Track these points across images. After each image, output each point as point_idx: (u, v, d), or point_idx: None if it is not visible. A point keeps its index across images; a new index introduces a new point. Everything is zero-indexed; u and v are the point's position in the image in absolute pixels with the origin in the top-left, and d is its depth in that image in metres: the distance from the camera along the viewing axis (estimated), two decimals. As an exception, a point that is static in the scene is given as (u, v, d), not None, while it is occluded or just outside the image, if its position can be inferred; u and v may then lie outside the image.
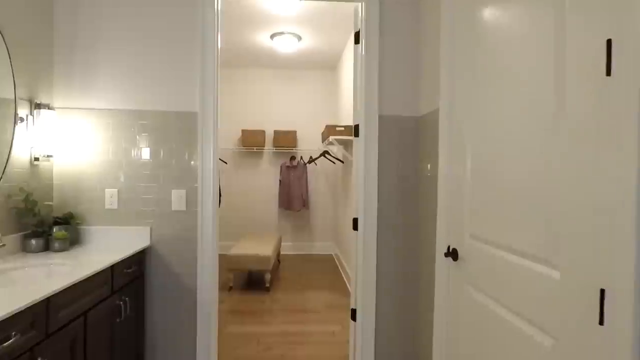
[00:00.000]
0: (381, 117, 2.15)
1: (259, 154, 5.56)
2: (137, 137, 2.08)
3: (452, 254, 1.56)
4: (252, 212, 5.56)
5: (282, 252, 5.54)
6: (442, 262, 1.72)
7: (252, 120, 5.53)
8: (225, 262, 3.77)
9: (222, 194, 4.68)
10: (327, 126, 3.90)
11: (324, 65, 5.40)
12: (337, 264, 5.04)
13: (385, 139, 2.16)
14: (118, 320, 1.75)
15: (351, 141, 3.95)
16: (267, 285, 3.84)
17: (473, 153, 1.46)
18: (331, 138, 3.73)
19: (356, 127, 2.25)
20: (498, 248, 1.26)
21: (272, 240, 4.50)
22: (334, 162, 4.91)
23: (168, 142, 2.09)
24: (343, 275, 4.45)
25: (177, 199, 2.09)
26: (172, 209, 2.09)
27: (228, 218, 5.49)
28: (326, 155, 4.40)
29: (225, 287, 3.89)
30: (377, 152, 2.15)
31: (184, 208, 2.09)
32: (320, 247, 5.65)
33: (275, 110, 5.56)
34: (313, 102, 5.60)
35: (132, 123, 2.08)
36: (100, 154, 2.07)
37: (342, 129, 3.85)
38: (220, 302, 3.55)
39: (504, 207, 1.22)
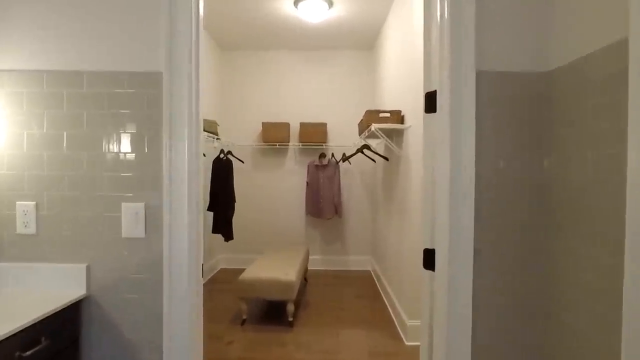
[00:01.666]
0: (481, 75, 1.21)
1: (283, 151, 4.71)
2: (68, 115, 1.26)
3: None
4: (273, 220, 4.72)
5: (309, 268, 4.67)
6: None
7: (275, 111, 4.70)
8: (237, 288, 2.94)
9: (235, 199, 3.88)
10: (367, 112, 2.99)
11: (359, 44, 4.48)
12: (377, 283, 4.11)
13: (486, 113, 1.22)
14: None
15: (398, 131, 3.01)
16: (290, 319, 2.97)
17: None
18: (374, 127, 2.81)
19: (431, 95, 1.32)
20: None
21: (297, 256, 3.63)
22: (373, 160, 3.98)
23: (117, 124, 1.26)
24: (385, 301, 3.51)
25: (131, 218, 1.25)
26: (123, 235, 1.26)
27: (242, 228, 4.69)
28: (365, 151, 3.48)
29: (237, 320, 3.06)
30: (473, 134, 1.21)
31: (141, 233, 1.25)
32: (355, 262, 4.73)
33: (301, 99, 4.70)
34: (346, 89, 4.69)
35: (58, 92, 1.26)
36: (7, 146, 1.27)
37: (388, 114, 2.91)
38: (228, 342, 2.73)
39: None
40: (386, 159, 3.25)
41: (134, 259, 1.25)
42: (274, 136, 4.44)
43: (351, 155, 3.45)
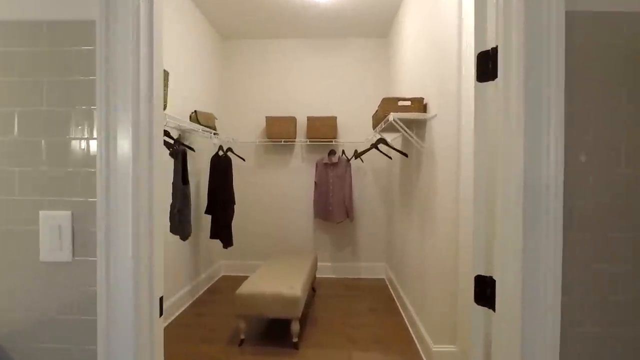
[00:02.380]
0: (573, 18, 0.79)
1: (288, 148, 4.32)
2: (-35, 86, 0.89)
3: None
4: (278, 224, 4.33)
5: (318, 275, 4.27)
6: None
7: (280, 104, 4.31)
8: (235, 304, 2.56)
9: (234, 201, 3.50)
10: (384, 100, 2.57)
11: (372, 30, 4.06)
12: (392, 293, 3.69)
13: (581, 78, 0.80)
14: None
15: (419, 122, 2.59)
16: (295, 339, 2.57)
17: None
18: (392, 117, 2.39)
19: (486, 56, 0.91)
20: None
21: (304, 264, 3.24)
22: (389, 157, 3.55)
23: (32, 96, 0.88)
24: (404, 316, 3.09)
25: (52, 233, 0.87)
26: (42, 259, 0.87)
27: (245, 233, 4.31)
28: (381, 146, 3.05)
29: (234, 340, 2.68)
30: (560, 110, 0.79)
31: (66, 256, 0.87)
32: (368, 269, 4.31)
33: (308, 91, 4.30)
34: (358, 80, 4.27)
35: (-49, 54, 0.89)
36: None
37: (408, 102, 2.49)
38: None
39: None
40: (405, 155, 2.83)
41: (57, 293, 0.87)
42: (278, 132, 4.05)
43: (365, 151, 3.04)
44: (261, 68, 4.33)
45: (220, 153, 3.50)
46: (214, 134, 3.38)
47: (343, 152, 4.12)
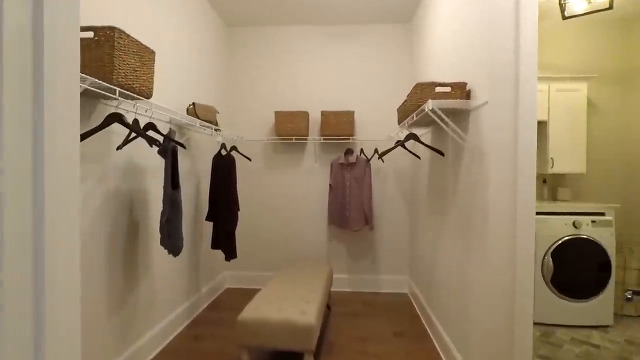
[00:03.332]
0: None
1: (300, 147, 3.89)
2: None
3: None
4: (288, 231, 3.90)
5: (332, 289, 3.83)
6: None
7: (290, 98, 3.88)
8: (237, 332, 2.12)
9: (238, 207, 3.07)
10: (417, 86, 2.10)
11: (392, 15, 3.61)
12: (418, 312, 3.22)
13: None
14: None
15: (459, 114, 2.13)
16: (308, 377, 2.12)
17: None
18: (430, 104, 1.92)
19: None
20: None
21: (318, 279, 2.79)
22: (417, 156, 3.08)
23: None
24: (436, 344, 2.61)
25: None
26: None
27: (251, 240, 3.89)
28: (408, 144, 2.58)
29: (235, 374, 2.24)
30: None
31: None
32: (388, 282, 3.84)
33: (322, 83, 3.86)
34: (379, 70, 3.82)
35: None
36: None
37: (448, 89, 2.03)
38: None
39: None
40: (440, 153, 2.36)
41: None
42: (289, 128, 3.62)
43: (390, 150, 2.58)
44: (270, 58, 3.91)
45: (223, 152, 3.08)
46: (215, 129, 2.97)
47: (362, 151, 3.67)
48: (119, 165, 2.05)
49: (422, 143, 2.43)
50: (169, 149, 1.96)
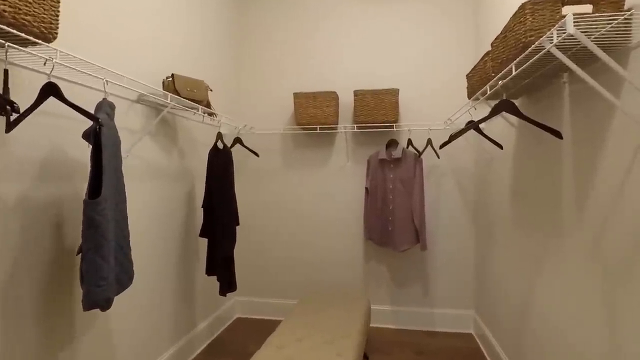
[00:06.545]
0: None
1: (326, 139, 3.00)
2: None
3: None
4: (312, 249, 3.02)
5: (371, 326, 2.92)
6: None
7: (314, 76, 3.02)
8: None
9: (237, 218, 2.22)
10: (526, 5, 1.15)
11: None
12: (487, 358, 2.23)
13: None
14: None
15: (617, 53, 1.14)
16: None
17: None
18: (571, 29, 0.97)
19: None
20: None
21: (351, 318, 1.91)
22: (499, 146, 2.06)
23: None
24: None
25: None
26: None
27: (265, 261, 3.06)
28: (483, 128, 1.59)
29: None
30: None
31: None
32: (446, 319, 2.86)
33: (355, 56, 2.96)
34: (430, 38, 2.86)
35: None
36: None
37: (589, 7, 1.06)
38: None
39: None
40: (558, 134, 1.37)
41: None
42: (312, 114, 2.75)
43: (461, 133, 1.62)
44: (289, 28, 3.06)
45: (219, 145, 2.27)
46: (205, 114, 2.15)
47: (409, 142, 2.72)
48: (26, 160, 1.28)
49: (522, 117, 1.44)
50: (91, 132, 1.16)
